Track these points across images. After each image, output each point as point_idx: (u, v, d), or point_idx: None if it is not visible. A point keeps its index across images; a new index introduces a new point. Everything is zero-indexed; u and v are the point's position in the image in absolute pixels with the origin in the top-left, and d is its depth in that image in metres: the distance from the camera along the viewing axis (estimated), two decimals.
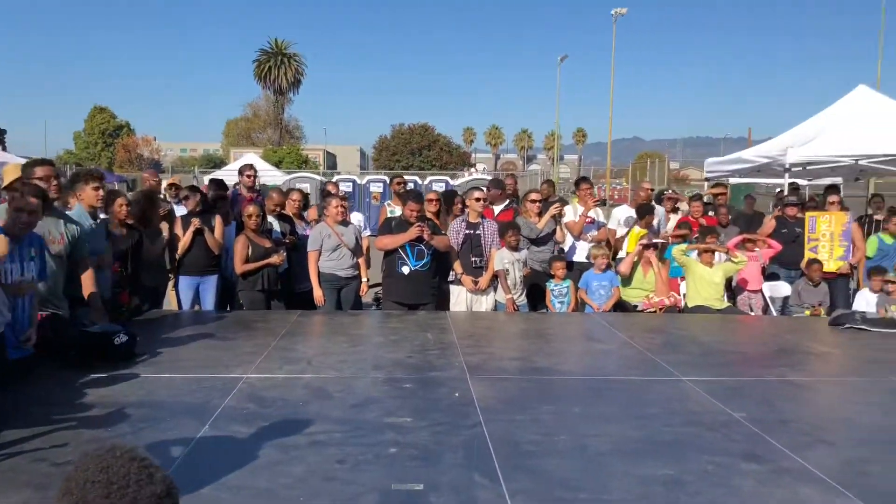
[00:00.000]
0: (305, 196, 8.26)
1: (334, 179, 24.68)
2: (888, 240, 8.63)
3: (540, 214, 7.69)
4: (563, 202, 8.19)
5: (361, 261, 7.10)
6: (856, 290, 8.29)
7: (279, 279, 6.86)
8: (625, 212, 9.10)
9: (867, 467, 3.15)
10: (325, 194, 8.21)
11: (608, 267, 7.65)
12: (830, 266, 8.06)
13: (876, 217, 9.40)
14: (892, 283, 7.68)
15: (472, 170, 43.57)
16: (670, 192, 10.19)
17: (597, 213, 8.41)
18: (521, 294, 7.32)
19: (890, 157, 9.61)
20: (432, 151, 58.18)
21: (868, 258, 8.45)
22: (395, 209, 8.05)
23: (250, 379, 4.36)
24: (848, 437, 3.56)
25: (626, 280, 7.69)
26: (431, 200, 7.40)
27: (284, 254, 6.82)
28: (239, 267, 6.67)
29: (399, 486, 2.86)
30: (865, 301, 7.61)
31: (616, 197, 35.65)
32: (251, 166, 8.53)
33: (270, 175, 28.58)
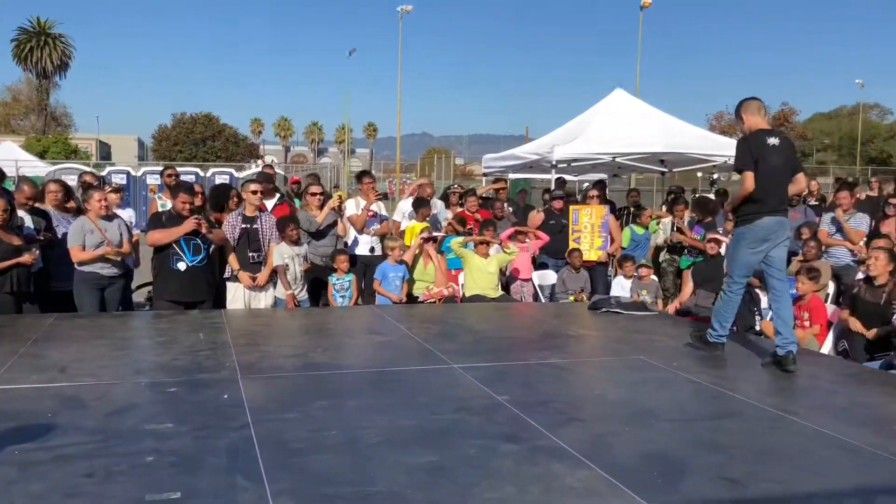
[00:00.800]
0: (66, 187, 7.57)
1: (106, 171, 23.03)
2: (639, 230, 9.51)
3: (321, 207, 7.64)
4: (328, 195, 8.21)
5: (126, 245, 6.56)
6: (614, 277, 9.03)
7: (31, 279, 6.24)
8: (410, 205, 9.29)
9: (611, 440, 3.43)
10: (85, 186, 7.58)
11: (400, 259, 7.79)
12: (591, 255, 8.72)
13: (633, 210, 10.31)
14: (645, 267, 8.48)
15: (260, 162, 42.34)
16: (455, 186, 10.58)
17: (379, 207, 8.50)
18: (302, 289, 7.22)
19: (642, 155, 10.61)
20: (217, 142, 55.76)
21: (623, 248, 9.25)
22: (166, 202, 7.65)
23: None
24: (597, 414, 3.87)
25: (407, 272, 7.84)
26: (197, 194, 7.11)
27: (37, 252, 6.21)
28: None
29: (154, 496, 2.69)
30: (621, 287, 8.33)
31: (405, 191, 36.30)
32: None
33: (31, 166, 26.05)
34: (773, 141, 4.93)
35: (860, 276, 7.02)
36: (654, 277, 8.62)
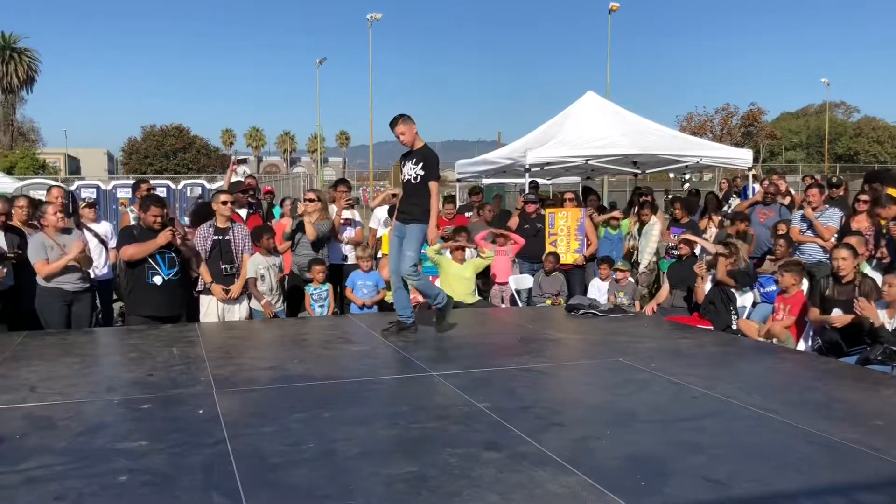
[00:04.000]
0: (34, 203, 7.42)
1: (75, 186, 22.67)
2: (612, 231, 9.52)
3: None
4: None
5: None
6: (591, 279, 9.03)
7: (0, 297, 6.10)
8: (386, 212, 9.27)
9: (592, 444, 3.40)
10: (35, 203, 7.30)
11: (372, 268, 7.75)
12: (568, 258, 8.72)
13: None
14: (621, 270, 8.48)
15: (243, 169, 41.94)
16: None
17: (353, 214, 8.45)
18: (280, 300, 7.15)
19: (615, 157, 10.64)
20: (188, 154, 55.24)
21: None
22: (139, 215, 7.54)
23: None
24: (577, 418, 3.84)
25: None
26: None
27: (5, 270, 6.08)
28: None
29: None
30: (598, 289, 8.34)
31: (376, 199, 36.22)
32: None
33: None
34: None
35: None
36: (631, 279, 8.63)
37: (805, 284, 7.83)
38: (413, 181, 5.66)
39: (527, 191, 10.17)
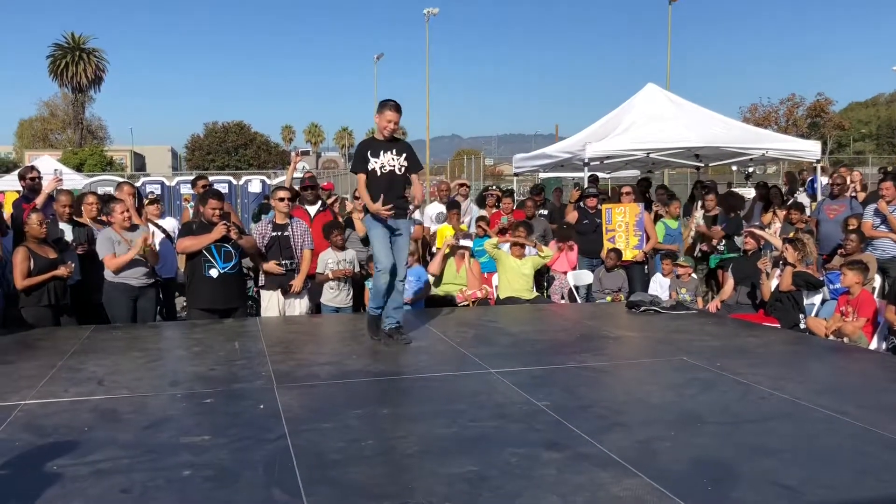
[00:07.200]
0: (104, 199, 7.61)
1: (140, 182, 23.28)
2: (672, 224, 9.31)
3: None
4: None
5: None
6: (651, 275, 8.85)
7: (68, 291, 6.28)
8: (436, 208, 9.26)
9: (656, 446, 3.31)
10: (104, 199, 7.45)
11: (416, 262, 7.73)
12: (626, 255, 8.54)
13: (657, 211, 9.99)
14: (682, 266, 8.29)
15: (301, 165, 42.46)
16: (493, 188, 10.56)
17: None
18: (349, 295, 7.18)
19: (677, 150, 10.41)
20: (249, 150, 56.17)
21: (659, 243, 9.07)
22: None
23: (29, 406, 3.93)
24: (640, 418, 3.74)
25: (439, 276, 7.77)
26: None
27: (73, 265, 6.25)
28: (20, 282, 6.01)
29: None
30: (659, 285, 8.16)
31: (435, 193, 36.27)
32: (33, 168, 7.78)
33: (69, 179, 26.43)
34: None
35: None
36: (694, 275, 8.43)
37: (877, 281, 7.55)
38: (398, 172, 5.37)
39: (586, 184, 10.02)
